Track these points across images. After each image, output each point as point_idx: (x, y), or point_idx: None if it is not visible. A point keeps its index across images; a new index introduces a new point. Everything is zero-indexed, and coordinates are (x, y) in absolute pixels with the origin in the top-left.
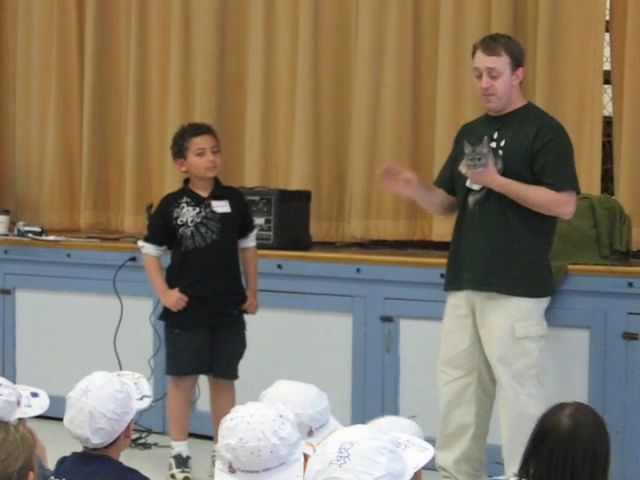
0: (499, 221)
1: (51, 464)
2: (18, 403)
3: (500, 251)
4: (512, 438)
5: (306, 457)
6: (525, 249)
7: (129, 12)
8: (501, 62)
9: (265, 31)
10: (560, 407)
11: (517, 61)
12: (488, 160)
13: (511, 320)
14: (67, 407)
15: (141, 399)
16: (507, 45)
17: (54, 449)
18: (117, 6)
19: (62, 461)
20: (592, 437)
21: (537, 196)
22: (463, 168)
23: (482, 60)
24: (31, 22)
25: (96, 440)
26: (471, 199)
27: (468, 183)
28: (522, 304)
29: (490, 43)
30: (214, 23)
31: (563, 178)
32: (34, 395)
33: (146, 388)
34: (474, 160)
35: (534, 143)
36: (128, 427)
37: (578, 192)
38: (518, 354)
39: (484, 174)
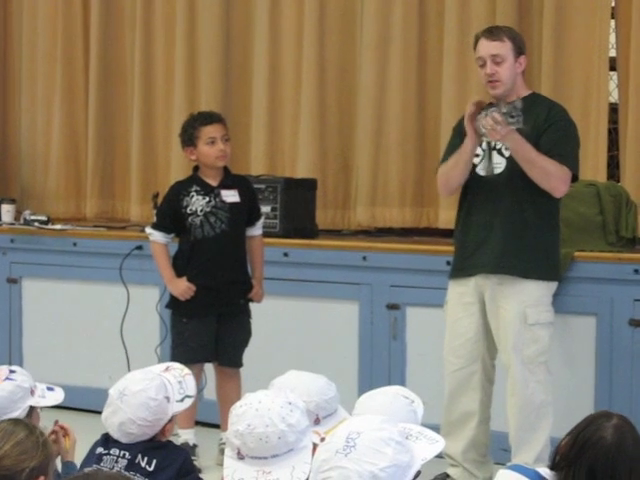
0: (512, 205)
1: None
2: (32, 392)
3: (514, 234)
4: (520, 425)
5: (313, 445)
6: (538, 232)
7: (134, 1)
8: (505, 48)
9: (270, 19)
10: (606, 417)
11: (519, 48)
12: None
13: (522, 306)
14: (106, 403)
15: (182, 400)
16: (509, 32)
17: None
18: None
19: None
20: (636, 453)
21: (545, 162)
22: (491, 122)
23: (486, 47)
24: (36, 11)
25: (125, 440)
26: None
27: (479, 168)
28: (535, 288)
29: (493, 30)
30: (219, 12)
31: (568, 155)
32: (50, 389)
33: (190, 387)
34: (515, 117)
35: (544, 123)
36: (164, 428)
37: (576, 177)
38: (529, 340)
39: (512, 131)
